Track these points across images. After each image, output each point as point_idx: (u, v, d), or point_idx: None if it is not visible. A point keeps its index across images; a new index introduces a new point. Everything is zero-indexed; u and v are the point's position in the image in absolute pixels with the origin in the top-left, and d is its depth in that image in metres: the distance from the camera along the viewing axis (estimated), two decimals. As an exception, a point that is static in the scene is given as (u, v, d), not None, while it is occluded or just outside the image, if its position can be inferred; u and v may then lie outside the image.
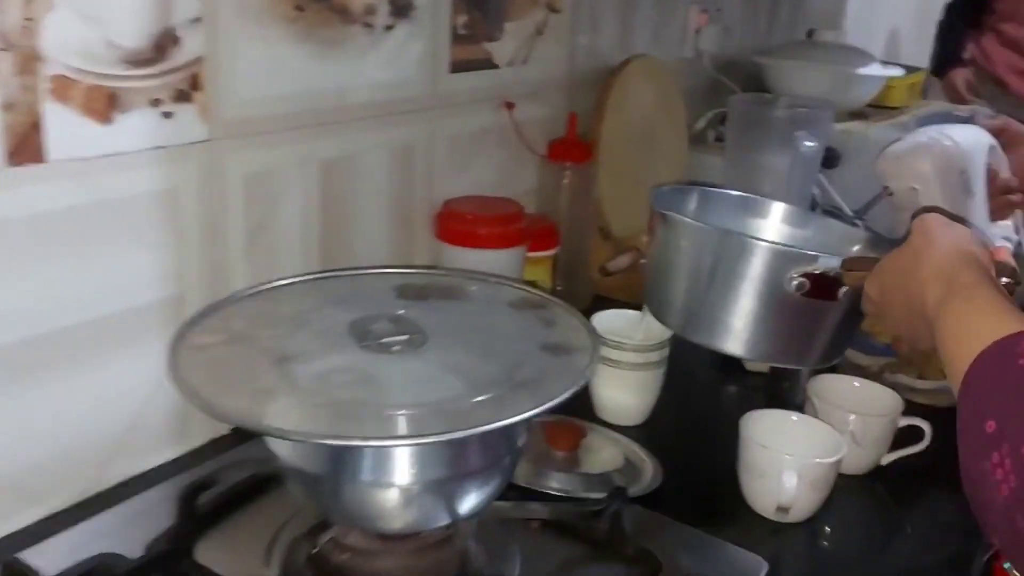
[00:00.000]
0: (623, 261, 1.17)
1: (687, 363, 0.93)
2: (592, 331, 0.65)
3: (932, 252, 0.59)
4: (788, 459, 0.73)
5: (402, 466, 0.56)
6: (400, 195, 0.99)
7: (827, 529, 0.78)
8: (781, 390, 0.97)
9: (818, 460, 0.74)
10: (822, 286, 0.68)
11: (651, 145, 1.32)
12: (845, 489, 0.79)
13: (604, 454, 0.82)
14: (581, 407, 0.91)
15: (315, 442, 0.53)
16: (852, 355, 1.04)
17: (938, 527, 0.80)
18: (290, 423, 0.53)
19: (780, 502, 0.73)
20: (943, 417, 0.92)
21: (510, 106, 1.10)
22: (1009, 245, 1.03)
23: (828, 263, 0.68)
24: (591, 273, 1.21)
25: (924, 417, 0.86)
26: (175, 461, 0.78)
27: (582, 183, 1.17)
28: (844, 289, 0.68)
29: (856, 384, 0.89)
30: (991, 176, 0.98)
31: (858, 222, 1.21)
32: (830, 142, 1.39)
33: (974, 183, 0.97)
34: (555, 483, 0.75)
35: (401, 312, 0.66)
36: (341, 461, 0.55)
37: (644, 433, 0.89)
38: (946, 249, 0.58)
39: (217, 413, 0.52)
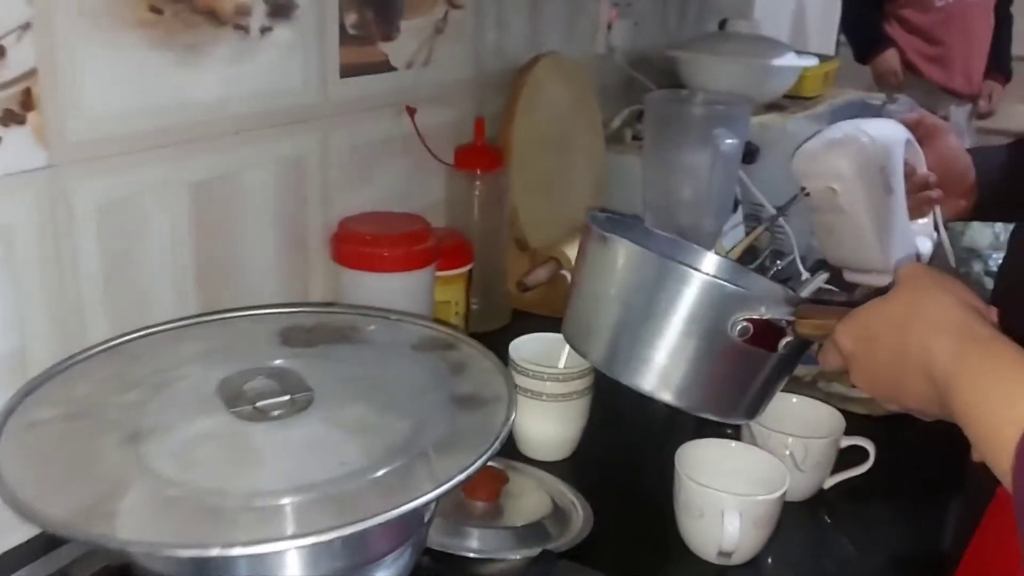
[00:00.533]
0: (542, 274, 1.09)
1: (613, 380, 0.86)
2: (507, 377, 0.56)
3: (931, 304, 0.54)
4: (729, 499, 0.66)
5: (289, 563, 0.46)
6: (290, 217, 0.89)
7: (771, 564, 0.72)
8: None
9: (761, 497, 0.67)
10: (765, 334, 0.62)
11: (566, 148, 1.24)
12: (787, 517, 0.73)
13: (529, 499, 0.74)
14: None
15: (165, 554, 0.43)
16: (785, 366, 0.99)
17: (887, 551, 0.75)
18: (138, 525, 0.43)
19: (722, 547, 0.67)
20: (883, 428, 0.89)
21: (412, 111, 1.01)
22: (929, 244, 0.99)
23: (778, 309, 0.61)
24: (509, 287, 1.13)
25: (862, 429, 0.82)
26: (22, 548, 0.66)
27: (494, 192, 1.08)
28: (786, 340, 0.62)
29: (794, 400, 0.83)
30: (908, 172, 0.94)
31: (782, 222, 1.16)
32: (747, 136, 1.34)
33: (893, 180, 0.92)
34: (475, 543, 0.66)
35: (283, 364, 0.57)
36: (208, 565, 0.45)
37: (572, 468, 0.82)
38: (948, 300, 0.53)
39: (40, 520, 0.42)
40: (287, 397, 0.53)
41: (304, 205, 0.90)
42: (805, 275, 1.17)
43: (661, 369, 0.63)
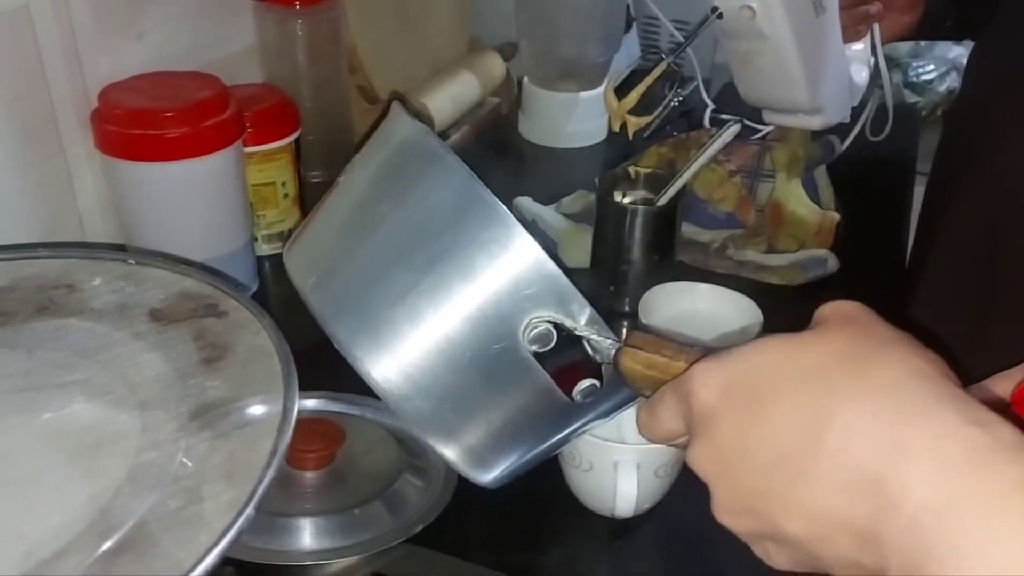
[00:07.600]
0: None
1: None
2: (287, 363, 0.38)
3: (879, 366, 0.30)
4: (622, 450, 0.52)
5: None
6: (22, 95, 0.64)
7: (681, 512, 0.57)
8: (604, 295, 0.75)
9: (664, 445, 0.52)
10: (565, 362, 0.40)
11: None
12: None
13: (376, 455, 0.58)
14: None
15: None
16: (688, 231, 0.83)
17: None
18: None
19: (616, 510, 0.53)
20: (803, 300, 0.75)
21: (190, -73, 0.75)
22: (865, 73, 0.82)
23: (602, 332, 0.39)
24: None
25: (779, 299, 0.71)
26: None
27: (323, 30, 0.85)
28: (588, 384, 0.40)
29: (704, 290, 0.67)
30: None
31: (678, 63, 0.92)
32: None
33: (825, -5, 0.73)
34: (304, 541, 0.51)
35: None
36: None
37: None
38: (908, 368, 0.30)
39: None
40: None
41: (41, 75, 0.65)
42: (710, 107, 0.99)
43: (403, 349, 0.39)
